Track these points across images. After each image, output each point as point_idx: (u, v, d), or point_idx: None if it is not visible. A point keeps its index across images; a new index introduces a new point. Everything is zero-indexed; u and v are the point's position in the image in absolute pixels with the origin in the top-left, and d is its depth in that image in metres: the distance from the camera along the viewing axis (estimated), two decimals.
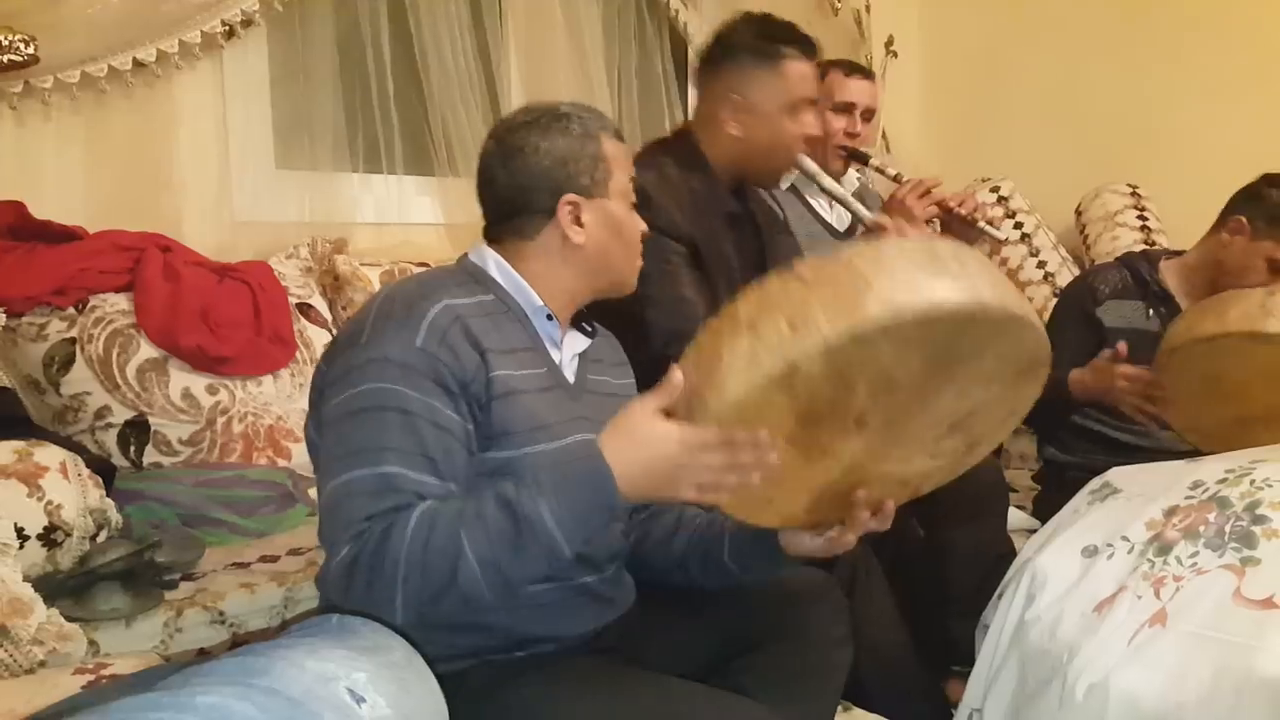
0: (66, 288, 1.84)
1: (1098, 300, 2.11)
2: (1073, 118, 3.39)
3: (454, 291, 1.14)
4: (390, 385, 1.04)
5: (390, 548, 0.97)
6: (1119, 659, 1.26)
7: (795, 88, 1.71)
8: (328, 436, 1.08)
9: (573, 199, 1.20)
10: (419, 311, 1.09)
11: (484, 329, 1.12)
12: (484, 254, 1.23)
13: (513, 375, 1.12)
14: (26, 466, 1.45)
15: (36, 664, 1.27)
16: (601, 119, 1.25)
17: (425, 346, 1.06)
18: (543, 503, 0.98)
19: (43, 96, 1.92)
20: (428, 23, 2.48)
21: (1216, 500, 1.37)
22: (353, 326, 1.12)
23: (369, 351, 1.07)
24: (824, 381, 0.93)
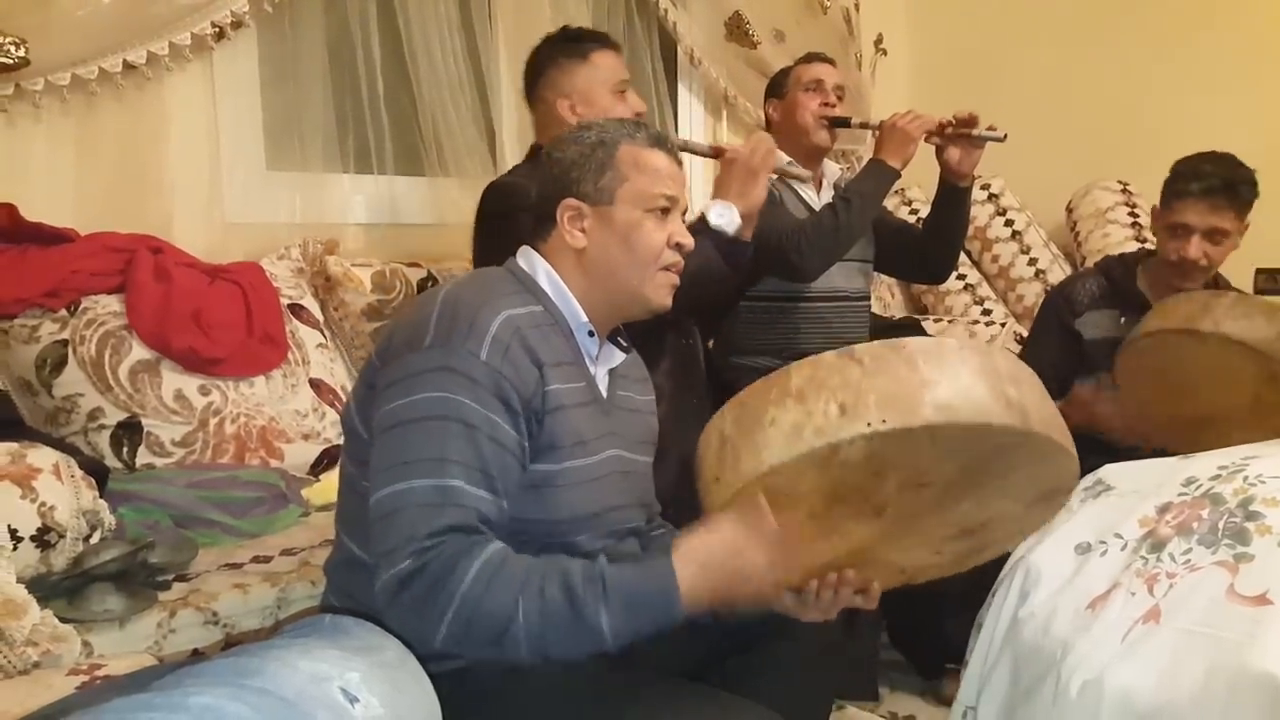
0: (58, 290, 1.83)
1: (1076, 312, 2.11)
2: (1063, 115, 3.40)
3: (512, 300, 1.14)
4: (454, 396, 1.04)
5: (452, 580, 0.97)
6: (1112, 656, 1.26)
7: (610, 72, 1.86)
8: (385, 440, 1.06)
9: (573, 204, 1.21)
10: (483, 322, 1.09)
11: (539, 342, 1.13)
12: (534, 262, 1.23)
13: (561, 389, 1.13)
14: (19, 468, 1.44)
15: (31, 665, 1.26)
16: (632, 129, 1.25)
17: (490, 360, 1.06)
18: (604, 609, 0.99)
19: (33, 99, 1.91)
20: (417, 23, 2.48)
21: (1210, 497, 1.37)
22: (414, 328, 1.11)
23: (433, 358, 1.06)
24: (859, 469, 0.95)
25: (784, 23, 3.20)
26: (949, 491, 1.02)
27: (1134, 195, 3.31)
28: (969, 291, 3.38)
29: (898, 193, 3.48)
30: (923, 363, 0.93)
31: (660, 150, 1.25)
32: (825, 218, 2.00)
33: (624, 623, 0.99)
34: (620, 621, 0.99)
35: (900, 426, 0.90)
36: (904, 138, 2.02)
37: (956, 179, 2.09)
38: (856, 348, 0.95)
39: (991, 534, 1.14)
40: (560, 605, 0.98)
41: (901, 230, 2.34)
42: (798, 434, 0.92)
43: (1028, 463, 1.00)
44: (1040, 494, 1.08)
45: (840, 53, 3.30)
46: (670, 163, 1.25)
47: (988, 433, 0.92)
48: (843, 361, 0.94)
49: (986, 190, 3.42)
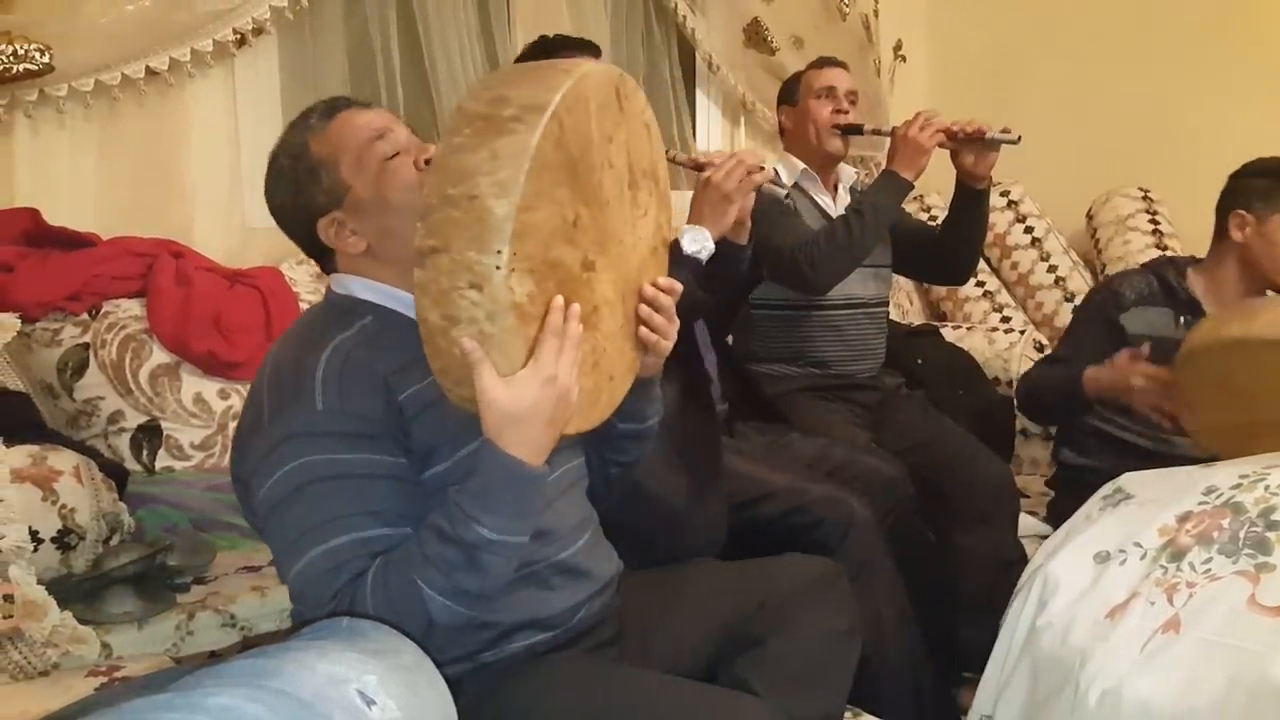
0: (80, 294, 1.85)
1: (1122, 306, 2.08)
2: (1083, 121, 3.38)
3: (333, 331, 1.10)
4: (308, 458, 1.02)
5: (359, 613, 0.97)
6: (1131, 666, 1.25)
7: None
8: (269, 528, 1.06)
9: (326, 220, 1.14)
10: (308, 372, 1.05)
11: (375, 355, 1.08)
12: (343, 281, 1.18)
13: (421, 389, 1.08)
14: (41, 471, 1.46)
15: (50, 666, 1.28)
16: (306, 121, 1.18)
17: (327, 405, 1.03)
18: (475, 522, 0.98)
19: (57, 105, 1.94)
20: (436, 30, 2.49)
21: (1230, 506, 1.36)
22: (251, 412, 1.09)
23: (274, 431, 1.04)
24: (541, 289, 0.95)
25: (803, 29, 3.20)
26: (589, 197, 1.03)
27: (1155, 202, 3.28)
28: (988, 299, 3.36)
29: (917, 199, 3.47)
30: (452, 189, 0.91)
31: (337, 117, 1.16)
32: (838, 230, 1.99)
33: (497, 517, 0.98)
34: (494, 519, 0.98)
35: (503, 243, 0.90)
36: (916, 149, 2.00)
37: (973, 182, 2.08)
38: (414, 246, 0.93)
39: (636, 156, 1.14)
40: (444, 550, 0.98)
41: (921, 232, 2.33)
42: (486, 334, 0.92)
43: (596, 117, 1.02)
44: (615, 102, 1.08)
45: (859, 59, 3.30)
46: (351, 117, 1.16)
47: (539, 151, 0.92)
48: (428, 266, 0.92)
49: (1006, 197, 3.40)
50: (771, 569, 1.36)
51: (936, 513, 1.97)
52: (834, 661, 1.29)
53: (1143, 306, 2.08)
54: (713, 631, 1.28)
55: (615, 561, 1.29)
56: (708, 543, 1.52)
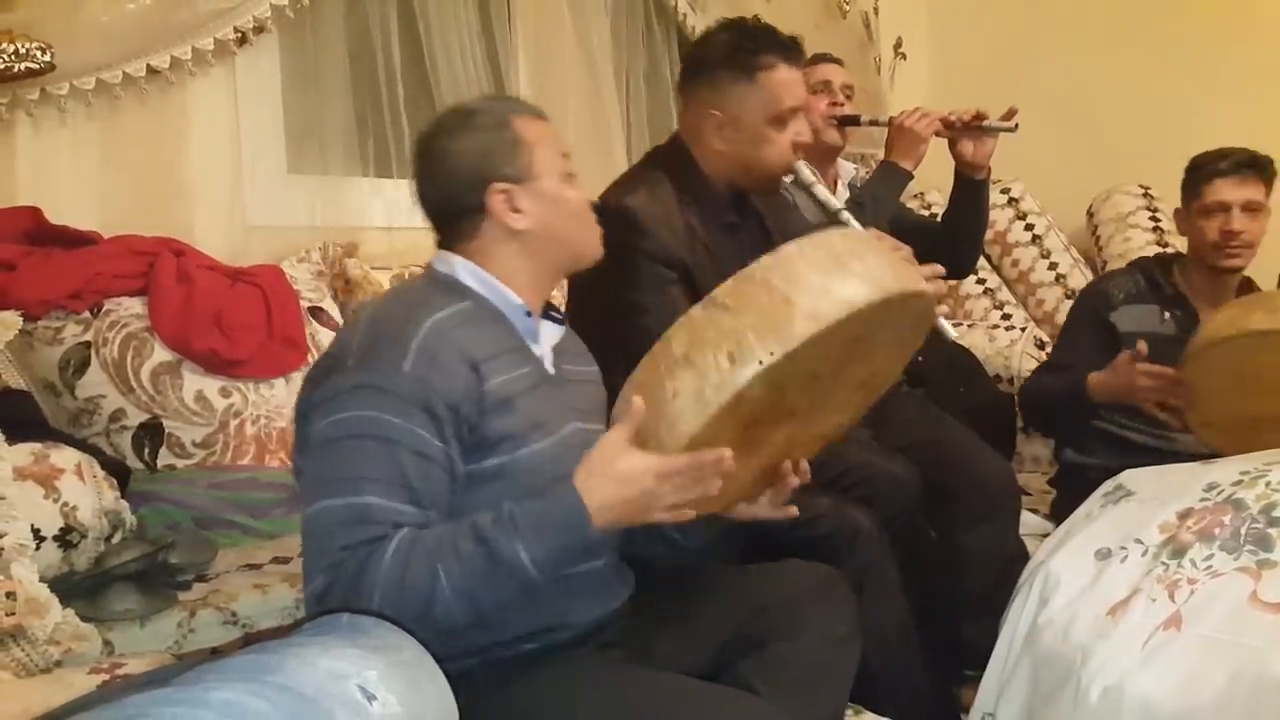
0: (82, 292, 1.85)
1: (1112, 305, 2.12)
2: (1083, 119, 3.38)
3: (436, 305, 1.13)
4: (374, 413, 1.04)
5: (366, 578, 0.98)
6: (1133, 662, 1.25)
7: (778, 99, 1.65)
8: (309, 462, 1.08)
9: (502, 187, 1.19)
10: (407, 334, 1.08)
11: (471, 339, 1.11)
12: (451, 261, 1.21)
13: (506, 381, 1.12)
14: (43, 468, 1.46)
15: (53, 663, 1.28)
16: (511, 104, 1.25)
17: (414, 371, 1.05)
18: (519, 542, 1.00)
19: (59, 103, 1.94)
20: (437, 29, 2.49)
21: (1232, 502, 1.36)
22: (338, 350, 1.11)
23: (355, 377, 1.06)
24: (764, 397, 1.01)
25: (803, 27, 3.17)
26: (840, 368, 1.10)
27: (1155, 199, 3.28)
28: (989, 296, 3.36)
29: (916, 195, 3.46)
30: (776, 281, 0.99)
31: (543, 120, 1.24)
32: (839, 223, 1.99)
33: (541, 549, 1.00)
34: (537, 549, 1.00)
35: (785, 352, 0.96)
36: (913, 138, 2.02)
37: (972, 171, 2.08)
38: (716, 293, 1.01)
39: (882, 374, 1.23)
40: (476, 553, 1.00)
41: (921, 227, 2.33)
42: (700, 398, 0.98)
43: (897, 314, 1.08)
44: (910, 326, 1.16)
45: (859, 57, 3.30)
46: (550, 129, 1.25)
47: (858, 315, 1.00)
48: (711, 312, 1.00)
49: (1007, 194, 3.40)
50: (773, 574, 1.38)
51: (938, 511, 1.97)
52: (835, 665, 1.30)
53: (1131, 304, 2.12)
54: (715, 634, 1.29)
55: (632, 581, 1.31)
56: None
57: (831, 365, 1.07)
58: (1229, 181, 2.03)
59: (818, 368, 1.05)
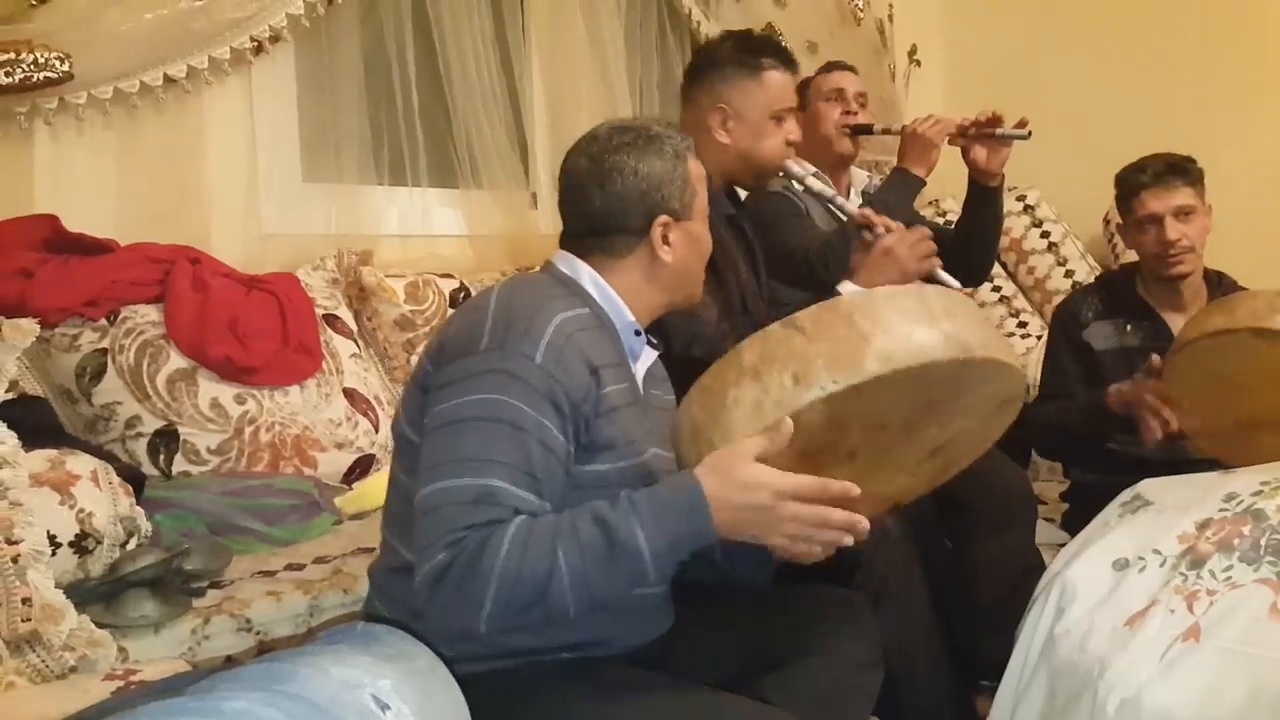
0: (98, 299, 1.86)
1: (1082, 325, 2.12)
2: (1099, 125, 3.37)
3: (561, 304, 1.15)
4: (506, 398, 1.06)
5: (485, 558, 0.98)
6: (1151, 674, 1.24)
7: (778, 97, 1.78)
8: (434, 438, 1.08)
9: (665, 220, 1.22)
10: (538, 325, 1.10)
11: (591, 344, 1.14)
12: (576, 266, 1.24)
13: (613, 391, 1.15)
14: (59, 475, 1.46)
15: (68, 669, 1.28)
16: (687, 141, 1.27)
17: (544, 364, 1.07)
18: (638, 526, 1.00)
19: (76, 112, 1.95)
20: (452, 37, 2.50)
21: (1251, 513, 1.35)
22: (468, 331, 1.12)
23: (488, 360, 1.08)
24: (822, 427, 1.00)
25: (817, 34, 3.20)
26: (911, 423, 1.09)
27: None
28: (1004, 304, 3.34)
29: (931, 202, 3.45)
30: (859, 318, 0.99)
31: (699, 161, 1.28)
32: (851, 230, 1.99)
33: (659, 536, 1.00)
34: (656, 535, 1.00)
35: (849, 384, 0.96)
36: (926, 144, 2.02)
37: (985, 179, 2.08)
38: (798, 315, 1.01)
39: (958, 449, 1.21)
40: (596, 537, 1.00)
41: (936, 234, 2.32)
42: (759, 410, 0.98)
43: (979, 384, 1.07)
44: (995, 406, 1.15)
45: (874, 64, 3.29)
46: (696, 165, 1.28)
47: (933, 369, 0.98)
48: (788, 332, 1.00)
49: (1022, 202, 3.38)
50: (798, 595, 1.37)
51: (954, 520, 1.96)
52: (856, 689, 1.30)
53: (1099, 321, 2.11)
54: (737, 649, 1.29)
55: (673, 615, 1.31)
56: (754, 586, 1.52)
57: (901, 418, 1.06)
58: (1154, 192, 2.02)
59: (885, 415, 1.04)
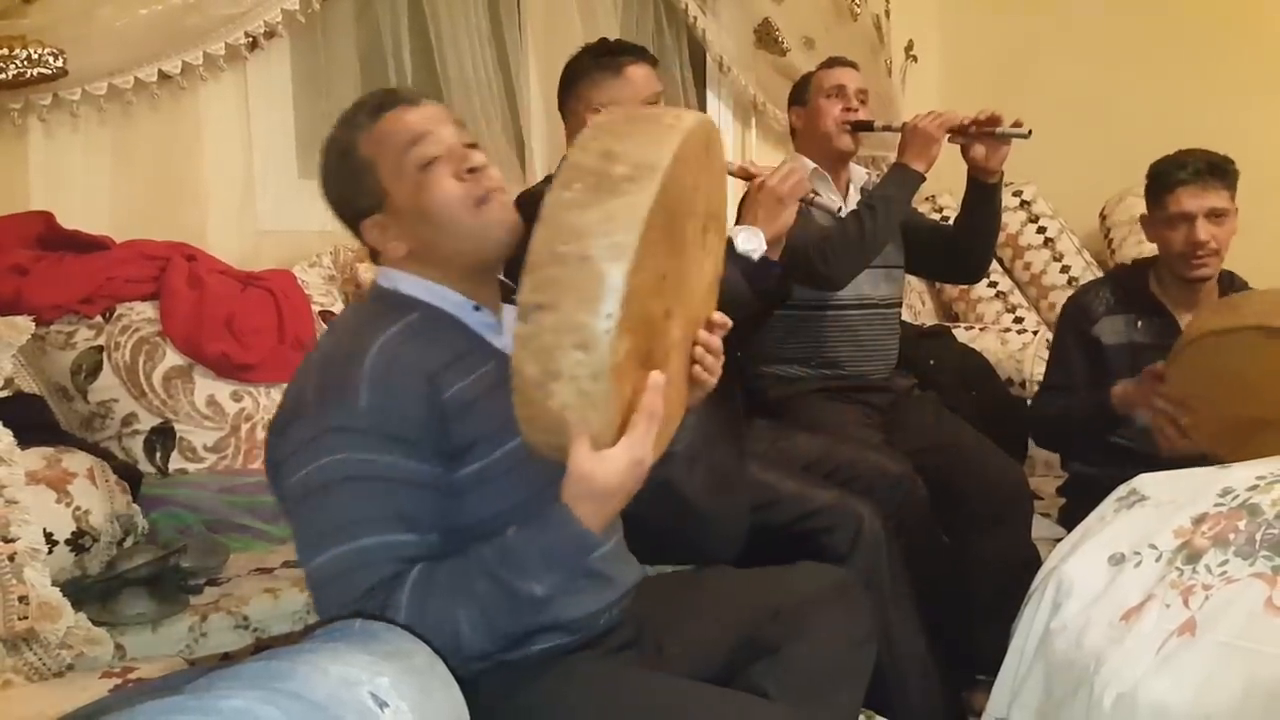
0: (94, 296, 1.86)
1: (1093, 319, 2.10)
2: (1096, 121, 3.37)
3: (381, 326, 1.11)
4: (348, 454, 1.03)
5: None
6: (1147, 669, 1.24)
7: (641, 88, 1.82)
8: (296, 514, 1.07)
9: (369, 225, 1.16)
10: (355, 367, 1.05)
11: (422, 351, 1.09)
12: (390, 275, 1.19)
13: (465, 386, 1.10)
14: (55, 472, 1.47)
15: (65, 667, 1.28)
16: (354, 117, 1.16)
17: (371, 404, 1.04)
18: (530, 577, 1.00)
19: (71, 108, 1.95)
20: (448, 34, 2.50)
21: (1247, 508, 1.35)
22: (295, 397, 1.09)
23: (318, 422, 1.04)
24: (634, 334, 0.96)
25: (814, 30, 3.20)
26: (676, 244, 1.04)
27: None
28: (1001, 299, 3.35)
29: (928, 199, 3.45)
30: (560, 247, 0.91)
31: (384, 115, 1.15)
32: (851, 225, 1.99)
33: (552, 579, 1.01)
34: (549, 579, 1.01)
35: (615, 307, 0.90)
36: (926, 139, 2.02)
37: (985, 176, 2.08)
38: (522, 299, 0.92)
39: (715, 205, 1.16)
40: (493, 593, 1.00)
41: (934, 231, 2.33)
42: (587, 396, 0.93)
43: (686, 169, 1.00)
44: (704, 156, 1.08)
45: (870, 60, 3.29)
46: (397, 117, 1.14)
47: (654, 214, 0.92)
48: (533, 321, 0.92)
49: (1019, 197, 3.38)
50: (787, 577, 1.37)
51: (950, 515, 1.97)
52: (849, 669, 1.30)
53: (1110, 316, 2.09)
54: (728, 637, 1.28)
55: (637, 568, 1.30)
56: (728, 540, 1.52)
57: (666, 250, 1.00)
58: (1190, 190, 1.98)
59: (657, 266, 0.98)
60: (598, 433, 0.96)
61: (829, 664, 1.26)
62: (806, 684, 1.23)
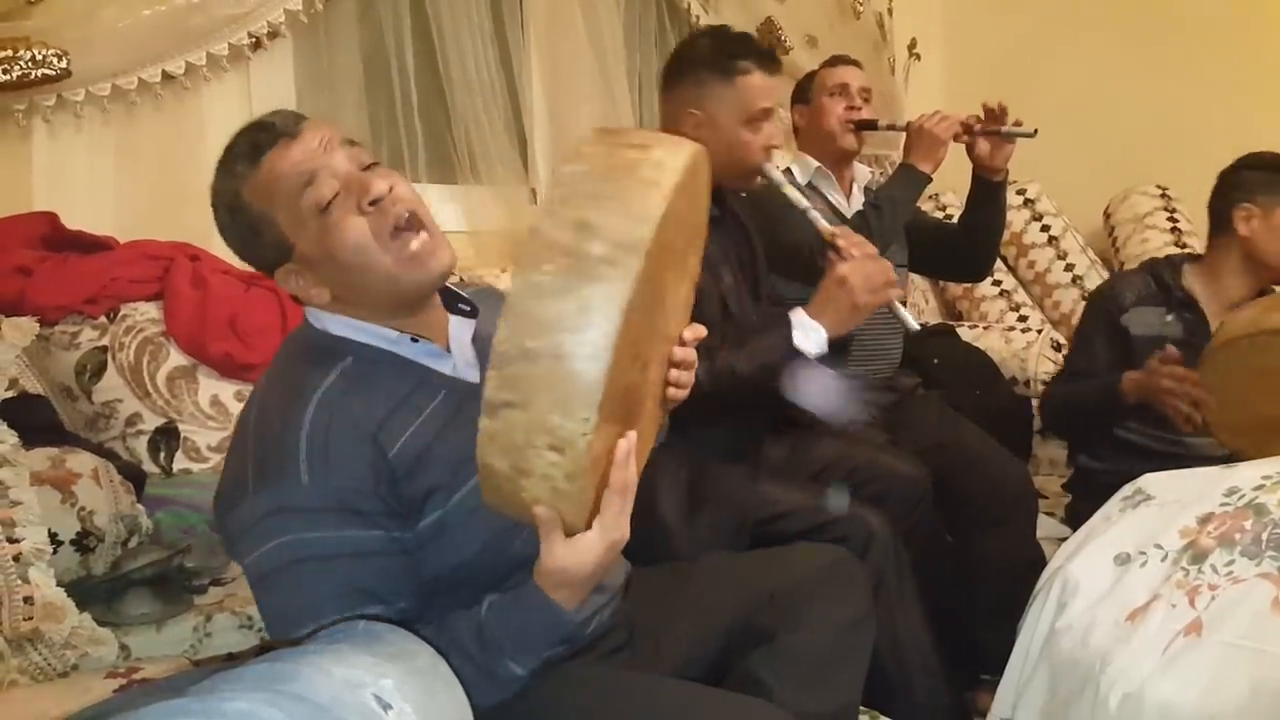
0: (98, 297, 1.86)
1: (1123, 308, 2.09)
2: (1100, 119, 3.36)
3: (315, 381, 1.02)
4: (296, 535, 0.97)
5: None
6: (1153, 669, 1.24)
7: (752, 100, 1.71)
8: (260, 598, 1.02)
9: (281, 274, 1.07)
10: (291, 438, 0.98)
11: (362, 404, 1.02)
12: (319, 316, 1.10)
13: (411, 436, 1.03)
14: (60, 473, 1.47)
15: (69, 667, 1.29)
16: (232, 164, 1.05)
17: (314, 479, 0.97)
18: (509, 662, 0.98)
19: (75, 109, 1.95)
20: (450, 34, 2.50)
21: (1253, 507, 1.34)
22: (234, 471, 1.03)
23: (260, 503, 0.98)
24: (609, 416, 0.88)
25: (817, 28, 3.19)
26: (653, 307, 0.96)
27: (1173, 200, 3.26)
28: (1004, 297, 3.34)
29: (931, 197, 3.45)
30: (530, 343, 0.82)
31: (263, 160, 1.03)
32: (856, 226, 1.99)
33: (529, 657, 0.99)
34: (528, 659, 0.99)
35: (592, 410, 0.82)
36: (932, 141, 2.01)
37: (989, 174, 2.08)
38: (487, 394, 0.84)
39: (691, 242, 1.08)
40: (469, 673, 0.97)
41: (939, 230, 2.33)
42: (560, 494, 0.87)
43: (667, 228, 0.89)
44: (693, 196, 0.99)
45: (873, 58, 3.29)
46: (278, 160, 1.03)
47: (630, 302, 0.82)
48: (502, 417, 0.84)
49: (1023, 195, 3.38)
50: (780, 559, 1.35)
51: (954, 514, 1.96)
52: (847, 653, 1.27)
53: (1142, 307, 2.07)
54: (723, 627, 1.26)
55: (622, 565, 1.28)
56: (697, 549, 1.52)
57: (644, 314, 0.91)
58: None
59: (634, 337, 0.89)
60: (571, 522, 0.92)
61: (826, 649, 1.24)
62: (804, 671, 1.21)
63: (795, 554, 1.37)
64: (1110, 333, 2.09)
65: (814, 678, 1.22)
